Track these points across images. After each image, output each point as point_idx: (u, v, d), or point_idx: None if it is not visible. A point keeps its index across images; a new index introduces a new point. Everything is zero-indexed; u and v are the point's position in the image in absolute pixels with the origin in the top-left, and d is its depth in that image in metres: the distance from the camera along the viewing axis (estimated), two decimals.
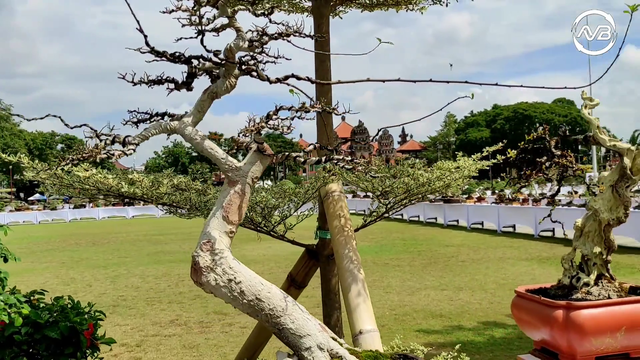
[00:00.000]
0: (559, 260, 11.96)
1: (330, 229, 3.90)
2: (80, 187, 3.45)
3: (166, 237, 25.87)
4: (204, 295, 12.75)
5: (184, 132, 2.37)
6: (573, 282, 2.57)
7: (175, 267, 16.88)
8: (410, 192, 3.82)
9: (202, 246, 2.29)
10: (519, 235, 22.27)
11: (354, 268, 3.49)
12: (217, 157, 2.37)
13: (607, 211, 2.52)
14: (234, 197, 2.33)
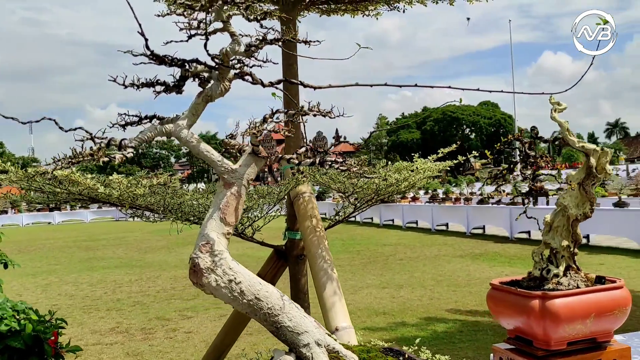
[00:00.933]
0: (491, 256, 12.61)
1: (301, 230, 3.97)
2: (51, 190, 3.33)
3: (97, 243, 24.96)
4: (143, 301, 12.46)
5: (179, 135, 2.37)
6: (543, 274, 2.77)
7: (110, 274, 16.37)
8: (379, 193, 3.96)
9: (201, 248, 2.31)
10: (452, 233, 23.10)
11: (327, 267, 3.58)
12: (213, 160, 2.40)
13: (575, 207, 2.74)
14: (231, 198, 2.36)
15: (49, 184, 3.29)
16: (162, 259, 19.26)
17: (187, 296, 12.92)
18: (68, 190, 3.30)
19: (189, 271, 2.29)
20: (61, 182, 3.19)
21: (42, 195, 3.53)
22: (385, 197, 4.25)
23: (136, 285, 14.67)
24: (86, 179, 3.14)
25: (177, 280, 15.02)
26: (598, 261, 14.88)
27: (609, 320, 2.65)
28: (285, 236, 4.51)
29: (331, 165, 2.32)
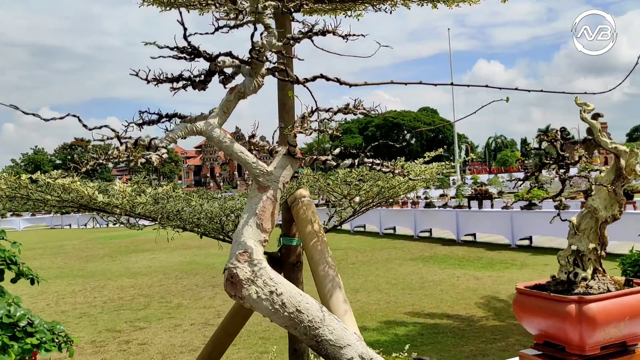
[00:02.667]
0: (441, 259, 12.84)
1: (301, 236, 3.81)
2: (41, 197, 3.02)
3: (33, 252, 23.64)
4: (90, 312, 11.87)
5: (211, 134, 2.17)
6: (571, 277, 2.75)
7: (51, 284, 15.53)
8: (381, 195, 3.86)
9: (239, 257, 2.11)
10: (400, 236, 23.39)
11: (333, 274, 3.44)
12: (248, 162, 2.21)
13: (604, 209, 2.73)
14: (267, 203, 2.18)
15: (40, 191, 2.99)
16: (106, 267, 18.47)
17: (137, 306, 12.42)
18: (60, 197, 3.01)
19: (224, 282, 2.08)
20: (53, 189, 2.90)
21: (28, 202, 3.21)
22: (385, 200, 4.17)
23: (81, 296, 13.98)
24: (86, 188, 2.87)
25: (124, 290, 14.42)
26: (542, 262, 15.41)
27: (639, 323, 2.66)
28: (280, 242, 4.33)
29: (372, 167, 2.19)
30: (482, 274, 14.03)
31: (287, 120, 3.89)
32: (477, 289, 12.21)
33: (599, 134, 2.71)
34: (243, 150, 2.22)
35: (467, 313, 10.25)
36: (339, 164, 2.24)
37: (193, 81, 2.24)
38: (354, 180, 3.39)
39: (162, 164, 1.90)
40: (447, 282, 13.30)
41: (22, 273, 3.05)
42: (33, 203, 3.23)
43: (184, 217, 3.54)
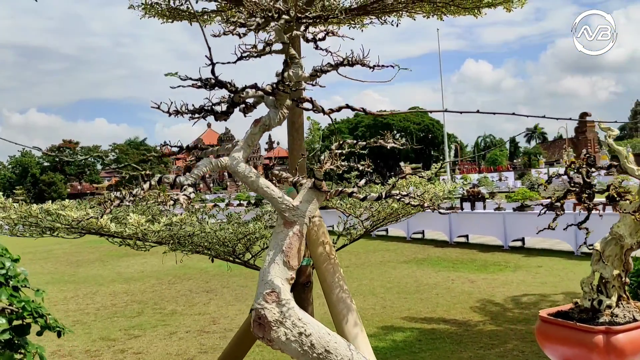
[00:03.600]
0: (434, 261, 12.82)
1: (313, 257, 3.74)
2: (51, 225, 2.93)
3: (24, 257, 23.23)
4: (84, 320, 11.72)
5: (236, 169, 2.10)
6: (594, 305, 2.71)
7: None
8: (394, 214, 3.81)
9: (266, 297, 2.04)
10: (393, 238, 23.37)
11: (346, 297, 3.38)
12: (273, 196, 2.14)
13: (629, 236, 2.70)
14: (294, 239, 2.12)
15: (50, 220, 2.91)
16: (97, 273, 18.27)
17: (131, 313, 12.29)
18: (70, 225, 2.93)
19: (252, 324, 2.01)
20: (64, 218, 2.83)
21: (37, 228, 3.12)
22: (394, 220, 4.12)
23: (73, 303, 13.79)
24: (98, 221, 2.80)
25: (117, 296, 14.27)
26: (536, 263, 15.46)
27: None
28: None
29: (400, 200, 2.13)
30: (477, 276, 14.05)
31: (296, 139, 3.83)
32: (473, 292, 12.22)
33: (625, 160, 2.68)
34: (269, 185, 2.16)
35: (464, 317, 10.24)
36: (366, 196, 2.19)
37: (215, 112, 2.18)
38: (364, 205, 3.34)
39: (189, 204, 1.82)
40: (442, 285, 13.30)
41: (48, 326, 2.96)
42: (42, 230, 3.15)
43: (195, 242, 3.47)
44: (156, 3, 4.63)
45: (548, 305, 10.54)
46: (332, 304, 3.46)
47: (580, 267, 14.24)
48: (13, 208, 2.77)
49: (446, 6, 4.81)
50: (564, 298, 10.92)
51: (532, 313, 10.26)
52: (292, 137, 3.89)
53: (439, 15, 5.03)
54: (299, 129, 3.97)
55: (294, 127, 3.96)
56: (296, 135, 3.91)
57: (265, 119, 2.23)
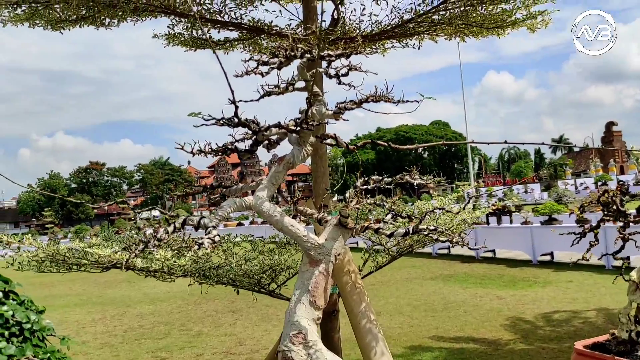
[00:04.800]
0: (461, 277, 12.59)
1: (339, 285, 3.70)
2: (78, 261, 2.98)
3: (52, 279, 23.67)
4: (111, 342, 11.78)
5: (261, 208, 2.09)
6: (632, 336, 2.63)
7: (70, 313, 15.47)
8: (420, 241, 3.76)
9: (293, 339, 2.02)
10: (418, 254, 23.09)
11: (372, 327, 3.32)
12: (298, 235, 2.13)
13: None
14: (320, 278, 2.10)
15: (76, 257, 2.95)
16: (125, 294, 18.42)
17: (158, 335, 12.32)
18: (97, 261, 2.96)
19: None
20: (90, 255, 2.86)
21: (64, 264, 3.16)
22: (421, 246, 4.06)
23: (101, 325, 13.89)
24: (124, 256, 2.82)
25: (144, 318, 14.33)
26: (566, 279, 15.12)
27: None
28: None
29: (428, 235, 2.10)
30: (505, 293, 13.79)
31: (319, 166, 3.81)
32: (501, 310, 11.98)
33: None
34: (294, 223, 2.14)
35: (493, 336, 10.04)
36: (393, 233, 2.15)
37: (239, 151, 2.17)
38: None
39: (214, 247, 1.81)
40: (470, 302, 13.06)
41: None
42: (69, 266, 3.19)
43: (220, 274, 3.47)
44: (179, 33, 4.71)
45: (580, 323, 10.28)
46: (359, 334, 3.41)
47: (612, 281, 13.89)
48: (41, 247, 2.81)
49: (468, 28, 4.78)
50: (596, 314, 10.64)
51: (564, 331, 10.02)
52: (315, 165, 3.88)
53: (461, 37, 5.00)
54: (322, 156, 3.96)
55: (317, 154, 3.95)
56: (320, 162, 3.89)
57: (289, 156, 2.22)
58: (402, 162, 76.05)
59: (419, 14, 4.67)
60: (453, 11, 4.71)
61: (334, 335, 4.27)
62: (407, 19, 4.69)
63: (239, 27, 4.54)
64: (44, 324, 2.83)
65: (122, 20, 4.84)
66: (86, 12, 4.53)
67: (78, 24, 4.75)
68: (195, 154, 2.12)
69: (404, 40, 5.06)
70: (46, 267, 3.36)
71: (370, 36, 4.76)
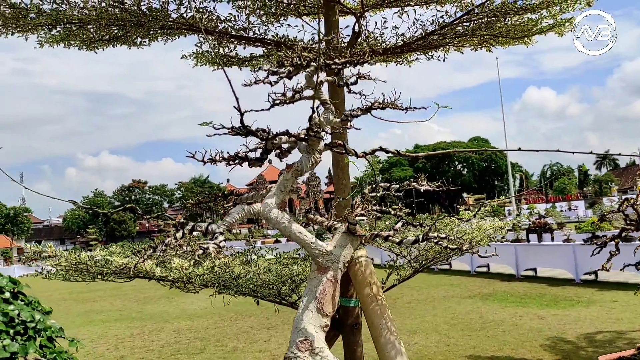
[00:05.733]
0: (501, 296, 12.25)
1: (360, 298, 3.68)
2: (100, 270, 3.07)
3: (94, 294, 24.25)
4: (148, 357, 11.93)
5: (269, 215, 2.12)
6: None
7: (110, 328, 15.77)
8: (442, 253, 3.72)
9: (299, 345, 2.02)
10: (456, 272, 22.73)
11: (394, 340, 3.29)
12: (306, 242, 2.15)
13: None
14: (327, 285, 2.10)
15: (98, 266, 3.04)
16: (163, 309, 18.68)
17: (193, 350, 12.42)
18: (118, 269, 3.04)
19: None
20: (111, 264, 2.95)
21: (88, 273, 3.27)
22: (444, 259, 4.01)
23: (139, 340, 14.10)
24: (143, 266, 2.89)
25: (180, 333, 14.48)
26: (610, 298, 14.59)
27: None
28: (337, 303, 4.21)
29: (437, 243, 2.08)
30: (546, 312, 13.38)
31: (341, 178, 3.83)
32: (542, 329, 11.63)
33: None
34: (301, 230, 2.16)
35: (533, 356, 9.74)
36: (402, 240, 2.14)
37: (250, 159, 2.22)
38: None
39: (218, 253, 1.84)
40: (509, 321, 12.72)
41: None
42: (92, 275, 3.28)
43: (240, 285, 3.51)
44: (206, 51, 4.83)
45: (625, 344, 9.88)
46: (380, 346, 3.37)
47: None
48: (63, 256, 2.91)
49: (493, 38, 4.74)
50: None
51: (608, 352, 9.64)
52: (337, 177, 3.90)
53: (488, 47, 4.96)
54: (343, 168, 3.97)
55: (338, 166, 3.97)
56: (341, 174, 3.91)
57: (298, 164, 2.24)
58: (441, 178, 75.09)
59: (442, 25, 4.66)
60: (477, 22, 4.68)
61: (357, 349, 4.23)
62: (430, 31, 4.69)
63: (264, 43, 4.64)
64: (48, 324, 2.90)
65: (153, 40, 5.04)
66: (118, 31, 4.72)
67: (111, 44, 4.96)
68: (207, 162, 2.17)
69: (429, 52, 5.06)
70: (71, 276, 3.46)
71: (392, 49, 4.77)
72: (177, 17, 4.50)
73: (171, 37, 5.01)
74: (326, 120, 2.18)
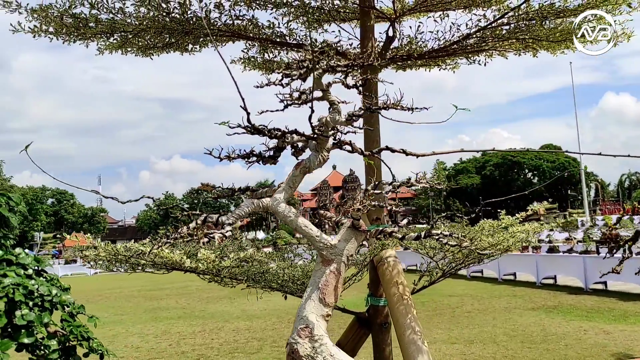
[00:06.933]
0: (566, 309, 11.77)
1: (387, 297, 3.76)
2: (136, 262, 3.32)
3: (162, 292, 25.25)
4: (207, 354, 12.32)
5: (276, 209, 2.26)
6: None
7: (174, 325, 16.39)
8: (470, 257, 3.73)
9: (300, 332, 2.15)
10: (521, 283, 22.05)
11: (417, 339, 3.34)
12: (311, 235, 2.27)
13: None
14: (330, 277, 2.21)
15: (135, 258, 3.28)
16: (224, 309, 19.20)
17: (251, 349, 12.71)
18: (153, 261, 3.27)
19: (286, 357, 2.12)
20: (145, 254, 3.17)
21: (126, 264, 3.53)
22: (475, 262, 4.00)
23: (200, 338, 14.57)
24: (173, 256, 3.10)
25: (239, 333, 14.85)
26: None
27: None
28: (367, 302, 4.29)
29: (438, 239, 2.14)
30: (613, 327, 12.77)
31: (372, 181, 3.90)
32: (607, 345, 11.11)
33: None
34: (307, 224, 2.27)
35: None
36: (405, 236, 2.21)
37: (263, 157, 2.36)
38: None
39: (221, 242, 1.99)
40: (572, 335, 12.24)
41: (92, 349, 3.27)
42: (131, 266, 3.53)
43: (268, 279, 3.65)
44: (252, 57, 5.04)
45: None
46: (403, 345, 3.42)
47: None
48: (101, 247, 3.16)
49: (536, 42, 4.67)
50: None
51: None
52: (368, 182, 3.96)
53: (533, 51, 4.88)
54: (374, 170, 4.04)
55: (371, 168, 4.04)
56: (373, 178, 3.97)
57: (306, 162, 2.36)
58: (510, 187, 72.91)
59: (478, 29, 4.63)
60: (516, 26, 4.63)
61: (385, 348, 4.27)
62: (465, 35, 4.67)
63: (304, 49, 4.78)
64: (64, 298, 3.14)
65: (204, 46, 5.32)
66: (169, 38, 5.02)
67: (165, 50, 5.28)
68: (223, 159, 2.32)
69: (471, 57, 5.04)
70: (115, 267, 3.73)
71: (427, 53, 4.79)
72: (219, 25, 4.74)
73: (220, 43, 5.26)
74: (332, 120, 2.29)
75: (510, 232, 3.81)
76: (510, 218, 4.29)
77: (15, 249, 3.04)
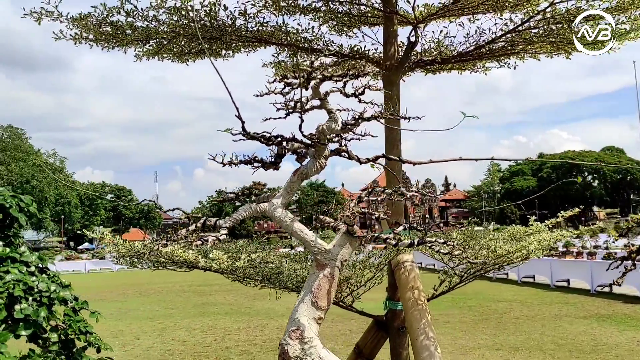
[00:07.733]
0: (620, 319, 11.34)
1: (402, 301, 3.78)
2: (156, 259, 3.48)
3: (211, 288, 25.86)
4: (250, 350, 12.55)
5: (273, 214, 2.34)
6: None
7: (220, 320, 16.76)
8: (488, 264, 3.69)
9: (291, 334, 2.22)
10: (574, 290, 21.34)
11: (430, 345, 3.34)
12: (306, 240, 2.33)
13: None
14: (323, 281, 2.27)
15: (154, 256, 3.44)
16: (270, 306, 19.46)
17: None
18: (172, 260, 3.42)
19: (278, 358, 2.20)
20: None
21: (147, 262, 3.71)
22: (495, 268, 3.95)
23: (244, 334, 14.84)
24: (187, 255, 3.24)
25: (282, 330, 14.95)
26: None
27: None
28: (386, 306, 4.31)
29: (431, 247, 2.16)
30: None
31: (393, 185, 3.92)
32: None
33: None
34: (302, 228, 2.33)
35: None
36: (398, 243, 2.24)
37: (265, 163, 2.44)
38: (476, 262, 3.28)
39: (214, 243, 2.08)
40: (625, 346, 11.78)
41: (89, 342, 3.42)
42: (152, 263, 3.70)
43: (283, 280, 3.73)
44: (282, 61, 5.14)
45: None
46: (416, 349, 3.43)
47: None
48: (120, 243, 3.33)
49: (567, 45, 4.55)
50: None
51: None
52: (389, 184, 3.98)
53: (566, 54, 4.76)
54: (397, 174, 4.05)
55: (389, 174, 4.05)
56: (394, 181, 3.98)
57: (303, 168, 2.42)
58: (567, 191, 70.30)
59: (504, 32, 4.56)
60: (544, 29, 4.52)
61: (402, 352, 4.28)
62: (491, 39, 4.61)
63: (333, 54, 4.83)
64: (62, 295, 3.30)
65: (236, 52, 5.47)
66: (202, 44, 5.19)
67: (200, 56, 5.47)
68: (226, 165, 2.41)
69: (502, 60, 4.97)
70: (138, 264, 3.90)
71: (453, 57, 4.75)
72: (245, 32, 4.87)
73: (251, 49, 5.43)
74: (329, 128, 2.34)
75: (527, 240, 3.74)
76: (540, 224, 4.20)
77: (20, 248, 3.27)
